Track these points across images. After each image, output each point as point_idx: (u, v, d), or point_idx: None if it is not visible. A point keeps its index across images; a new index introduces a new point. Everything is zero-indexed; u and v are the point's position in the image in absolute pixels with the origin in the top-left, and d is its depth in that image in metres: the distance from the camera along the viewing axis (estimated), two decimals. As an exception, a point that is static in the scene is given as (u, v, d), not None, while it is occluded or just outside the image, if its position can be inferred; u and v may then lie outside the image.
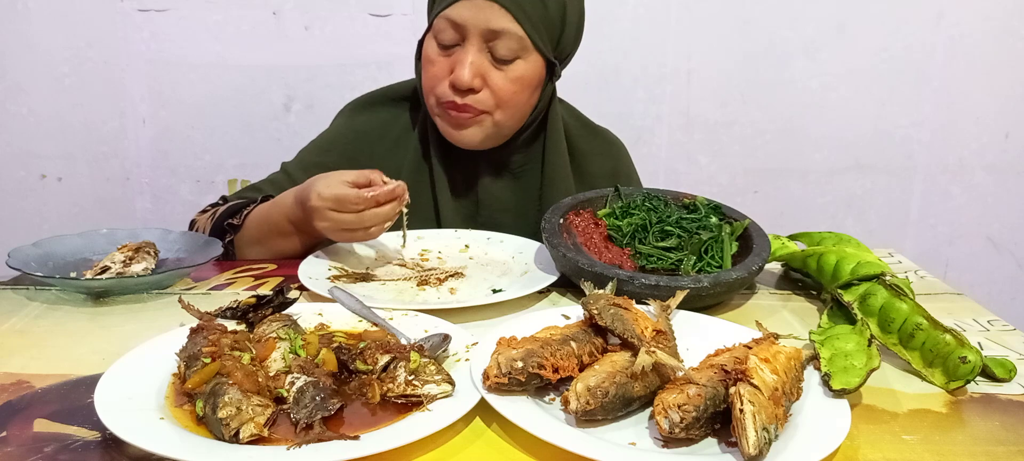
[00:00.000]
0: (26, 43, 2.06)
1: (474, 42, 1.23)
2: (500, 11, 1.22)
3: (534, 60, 1.27)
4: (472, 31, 1.23)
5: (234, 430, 0.69)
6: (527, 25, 1.23)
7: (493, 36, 1.23)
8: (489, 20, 1.22)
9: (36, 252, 1.15)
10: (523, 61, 1.26)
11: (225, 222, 1.30)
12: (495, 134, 1.32)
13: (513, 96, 1.27)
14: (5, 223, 2.16)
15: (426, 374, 0.78)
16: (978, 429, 0.79)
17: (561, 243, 1.11)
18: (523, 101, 1.30)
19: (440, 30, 1.25)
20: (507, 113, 1.29)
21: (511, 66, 1.26)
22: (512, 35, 1.23)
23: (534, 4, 1.23)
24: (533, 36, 1.24)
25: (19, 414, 0.77)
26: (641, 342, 0.81)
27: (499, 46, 1.24)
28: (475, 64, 1.24)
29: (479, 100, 1.26)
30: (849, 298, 1.00)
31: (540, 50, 1.26)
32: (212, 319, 0.90)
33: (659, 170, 2.18)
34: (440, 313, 0.98)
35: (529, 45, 1.25)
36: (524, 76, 1.27)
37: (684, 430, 0.71)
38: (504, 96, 1.27)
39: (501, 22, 1.22)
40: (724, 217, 1.22)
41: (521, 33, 1.23)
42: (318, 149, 1.44)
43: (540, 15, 1.24)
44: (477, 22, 1.22)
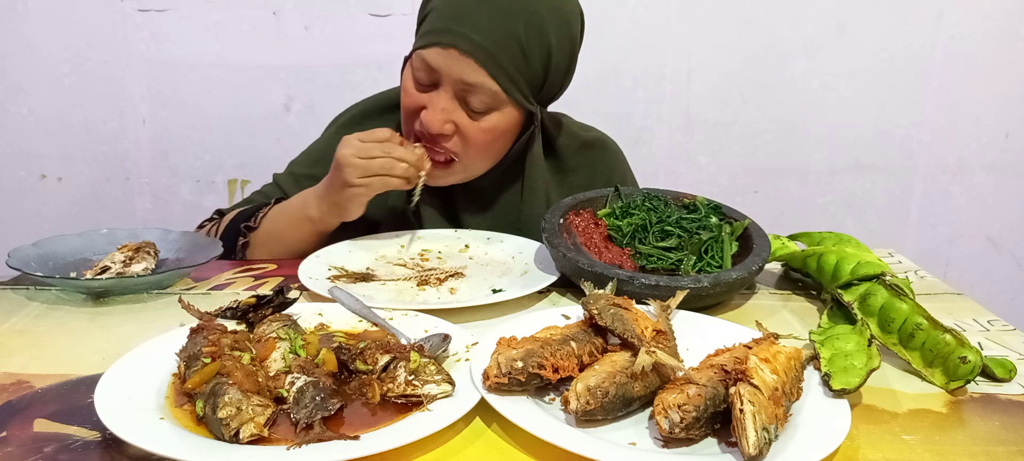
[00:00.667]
0: (26, 43, 2.06)
1: (447, 89, 1.20)
2: (474, 66, 1.17)
3: (509, 111, 1.23)
4: (445, 79, 1.19)
5: (234, 430, 0.69)
6: (503, 80, 1.18)
7: (466, 89, 1.19)
8: (463, 72, 1.17)
9: (36, 252, 1.15)
10: (498, 113, 1.22)
11: (241, 225, 1.30)
12: (463, 178, 1.30)
13: (485, 145, 1.24)
14: (5, 223, 2.16)
15: (426, 374, 0.78)
16: (978, 429, 0.79)
17: (561, 243, 1.11)
18: (496, 149, 1.27)
19: (417, 67, 1.22)
20: (478, 160, 1.27)
21: (485, 117, 1.22)
22: (486, 89, 1.18)
23: (513, 57, 1.18)
24: (509, 90, 1.19)
25: (19, 414, 0.77)
26: (641, 342, 0.81)
27: (473, 99, 1.20)
28: (446, 111, 1.20)
29: (450, 144, 1.23)
30: (849, 298, 1.00)
31: (517, 102, 1.22)
32: (212, 319, 0.90)
33: (659, 170, 2.18)
34: (440, 313, 0.98)
35: (504, 99, 1.20)
36: (498, 127, 1.23)
37: (684, 430, 0.71)
38: (476, 145, 1.24)
39: (475, 76, 1.17)
40: (724, 217, 1.22)
41: (495, 88, 1.18)
42: (308, 161, 1.42)
43: (520, 68, 1.20)
44: (450, 72, 1.18)
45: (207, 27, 2.07)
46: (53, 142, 2.13)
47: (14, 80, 2.08)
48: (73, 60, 2.07)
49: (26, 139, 2.12)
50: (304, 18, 2.07)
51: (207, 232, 1.36)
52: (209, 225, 1.38)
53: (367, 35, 2.08)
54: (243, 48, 2.08)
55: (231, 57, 2.08)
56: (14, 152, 2.13)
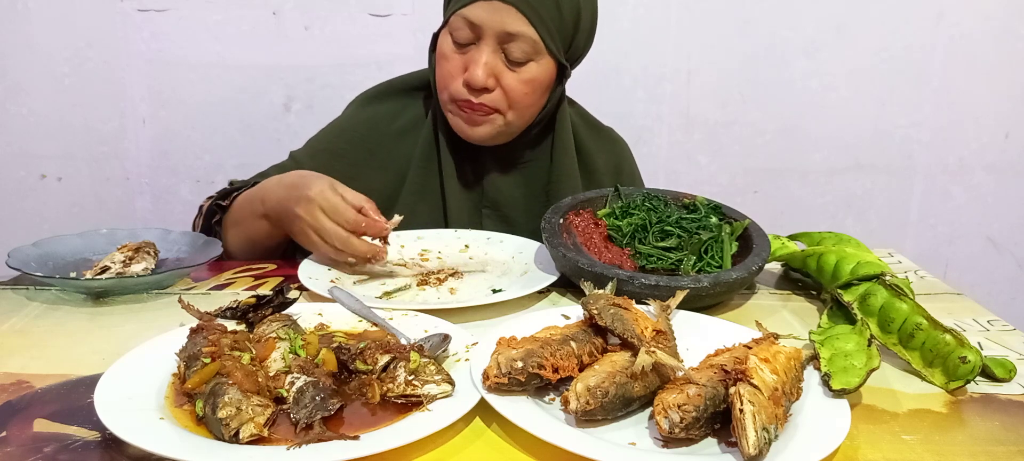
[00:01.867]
0: (26, 43, 2.06)
1: (489, 43, 1.25)
2: (516, 14, 1.23)
3: (546, 63, 1.28)
4: (487, 32, 1.24)
5: (234, 430, 0.69)
6: (541, 29, 1.24)
7: (508, 38, 1.24)
8: (505, 22, 1.23)
9: (36, 252, 1.15)
10: (536, 63, 1.27)
11: (217, 202, 1.32)
12: (505, 132, 1.33)
13: (524, 97, 1.29)
14: (5, 223, 2.16)
15: (426, 374, 0.78)
16: (978, 429, 0.79)
17: (561, 243, 1.11)
18: (534, 102, 1.31)
19: (456, 28, 1.26)
20: (518, 113, 1.31)
21: (524, 68, 1.27)
22: (526, 38, 1.24)
23: (549, 9, 1.24)
24: (547, 40, 1.25)
25: (19, 414, 0.77)
26: (641, 342, 0.81)
27: (513, 48, 1.25)
28: (489, 65, 1.25)
29: (491, 99, 1.27)
30: (849, 298, 1.00)
31: (552, 53, 1.27)
32: (212, 319, 0.90)
33: (659, 170, 2.18)
34: (440, 313, 0.98)
35: (542, 48, 1.26)
36: (536, 78, 1.28)
37: (684, 430, 0.71)
38: (516, 97, 1.28)
39: (516, 25, 1.23)
40: (724, 217, 1.22)
41: (535, 36, 1.24)
42: (329, 136, 1.45)
43: (554, 19, 1.25)
44: (493, 24, 1.23)
45: (207, 27, 2.06)
46: (53, 142, 2.12)
47: (14, 80, 2.08)
48: (73, 60, 2.07)
49: (26, 139, 2.12)
50: (304, 18, 2.07)
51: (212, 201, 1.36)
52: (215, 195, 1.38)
53: (367, 35, 2.08)
54: (243, 48, 2.08)
55: (231, 57, 2.08)
56: (14, 152, 2.13)
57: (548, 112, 1.37)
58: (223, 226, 1.32)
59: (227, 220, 1.32)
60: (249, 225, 1.29)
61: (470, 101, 1.27)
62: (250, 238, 1.30)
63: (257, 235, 1.28)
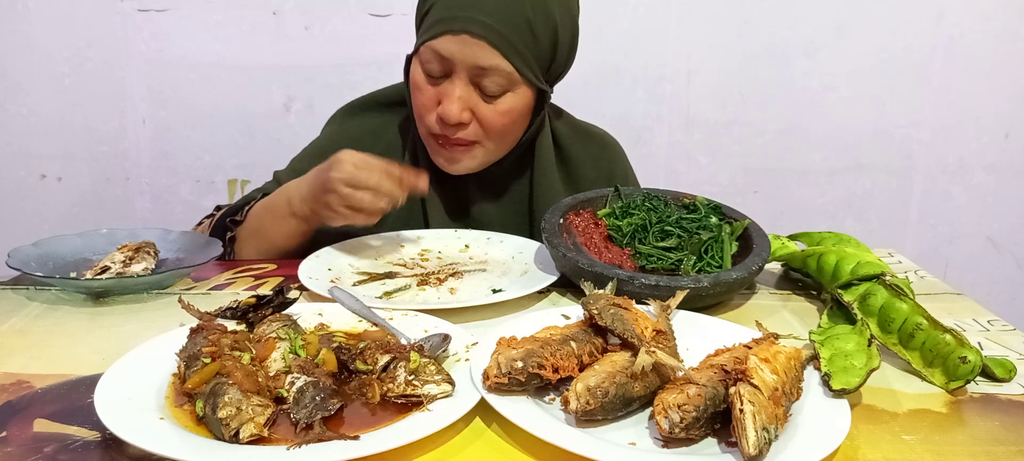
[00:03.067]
0: (26, 43, 2.06)
1: (461, 76, 1.20)
2: (487, 48, 1.18)
3: (523, 92, 1.24)
4: (459, 66, 1.20)
5: (234, 430, 0.69)
6: (516, 60, 1.19)
7: (481, 73, 1.20)
8: (477, 57, 1.18)
9: (36, 252, 1.15)
10: (512, 94, 1.23)
11: (227, 220, 1.30)
12: (489, 161, 1.31)
13: (503, 128, 1.26)
14: (5, 223, 2.16)
15: (426, 374, 0.78)
16: (978, 429, 0.79)
17: (561, 243, 1.11)
18: (514, 131, 1.29)
19: (426, 60, 1.22)
20: (497, 143, 1.28)
21: (500, 100, 1.23)
22: (500, 71, 1.20)
23: (522, 37, 1.20)
24: (522, 70, 1.21)
25: (19, 414, 0.77)
26: (641, 342, 0.81)
27: (487, 83, 1.21)
28: (463, 99, 1.21)
29: (469, 132, 1.24)
30: (849, 298, 1.00)
31: (529, 82, 1.24)
32: (212, 319, 0.90)
33: (659, 170, 2.18)
34: (440, 313, 0.98)
35: (518, 79, 1.22)
36: (514, 108, 1.24)
37: (684, 430, 0.71)
38: (494, 129, 1.25)
39: (489, 59, 1.18)
40: (724, 217, 1.22)
41: (509, 69, 1.20)
42: (310, 156, 1.42)
43: (529, 47, 1.21)
44: (464, 57, 1.19)
45: (207, 27, 2.07)
46: (53, 142, 2.13)
47: (14, 80, 2.08)
48: (73, 60, 2.07)
49: (26, 139, 2.12)
50: (304, 18, 2.07)
51: (204, 230, 1.35)
52: (207, 221, 1.38)
53: (367, 35, 2.08)
54: (243, 48, 2.08)
55: (231, 57, 2.08)
56: (14, 152, 2.13)
57: (531, 134, 1.33)
58: (238, 239, 1.30)
59: (243, 231, 1.30)
60: (273, 230, 1.26)
61: (447, 137, 1.24)
62: (273, 243, 1.28)
63: (282, 237, 1.26)
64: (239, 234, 1.30)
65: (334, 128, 1.46)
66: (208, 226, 1.35)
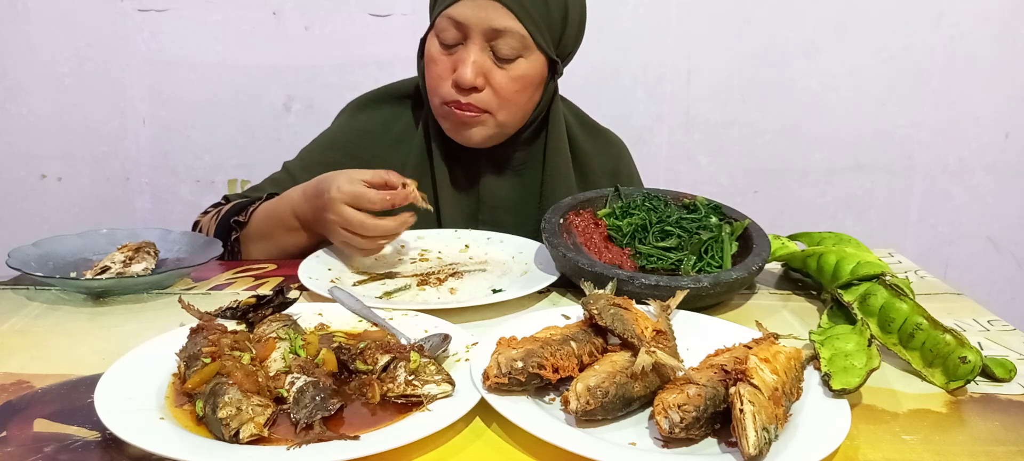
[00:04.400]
0: (26, 43, 2.06)
1: (476, 41, 1.24)
2: (502, 9, 1.22)
3: (536, 58, 1.27)
4: (474, 30, 1.23)
5: (234, 430, 0.69)
6: (529, 24, 1.23)
7: (495, 35, 1.23)
8: (491, 19, 1.22)
9: (36, 252, 1.15)
10: (525, 60, 1.26)
11: (231, 220, 1.30)
12: (498, 133, 1.32)
13: (515, 94, 1.28)
14: (5, 223, 2.16)
15: (426, 374, 0.78)
16: (978, 429, 0.79)
17: (561, 243, 1.11)
18: (525, 99, 1.31)
19: (442, 29, 1.25)
20: (509, 112, 1.30)
21: (513, 65, 1.26)
22: (514, 34, 1.23)
23: (536, 3, 1.24)
24: (535, 35, 1.24)
25: (19, 414, 0.77)
26: (641, 342, 0.81)
27: (501, 45, 1.24)
28: (478, 63, 1.24)
29: (482, 99, 1.26)
30: (849, 298, 1.00)
31: (542, 48, 1.27)
32: (212, 319, 0.90)
33: (659, 170, 2.18)
34: (440, 313, 0.98)
35: (531, 44, 1.25)
36: (526, 75, 1.27)
37: (684, 430, 0.71)
38: (506, 95, 1.27)
39: (503, 21, 1.22)
40: (724, 217, 1.22)
41: (523, 31, 1.23)
42: (321, 147, 1.44)
43: (542, 14, 1.25)
44: (479, 21, 1.22)
45: (207, 27, 2.07)
46: (53, 142, 2.12)
47: (14, 80, 2.08)
48: (73, 60, 2.07)
49: (26, 139, 2.12)
50: (304, 18, 2.07)
51: (209, 221, 1.36)
52: (213, 212, 1.38)
53: (367, 35, 2.08)
54: (243, 48, 2.08)
55: (231, 57, 2.08)
56: (14, 152, 2.13)
57: (541, 110, 1.36)
58: (244, 240, 1.31)
59: (249, 234, 1.30)
60: (282, 238, 1.28)
61: (459, 102, 1.26)
62: (282, 248, 1.29)
63: (291, 245, 1.28)
64: (243, 237, 1.31)
65: (344, 120, 1.48)
66: (214, 218, 1.35)
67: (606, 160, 1.47)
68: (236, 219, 1.30)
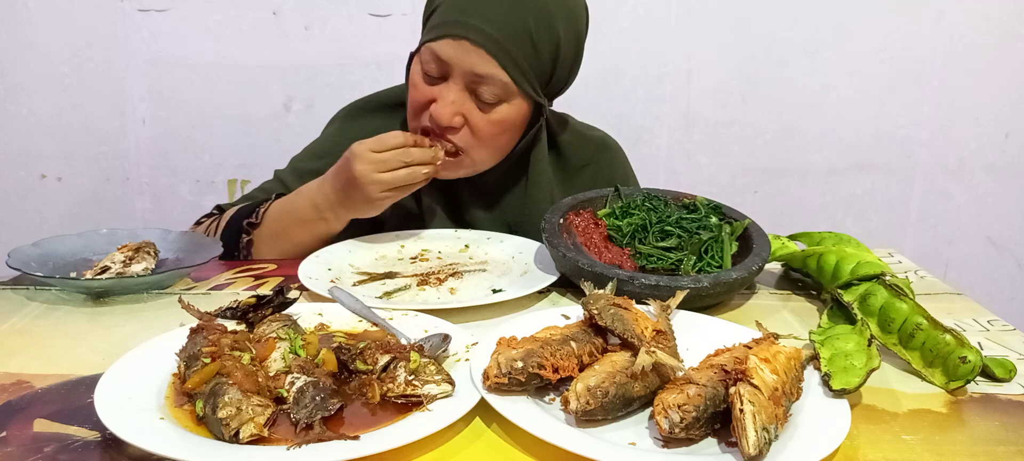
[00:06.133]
0: (26, 43, 2.06)
1: (457, 81, 1.20)
2: (485, 56, 1.17)
3: (519, 103, 1.24)
4: (456, 71, 1.20)
5: (234, 430, 0.69)
6: (513, 71, 1.19)
7: (477, 80, 1.19)
8: (474, 64, 1.18)
9: (36, 252, 1.15)
10: (507, 104, 1.23)
11: (243, 222, 1.29)
12: (471, 171, 1.30)
13: (493, 138, 1.25)
14: (5, 223, 2.16)
15: (426, 374, 0.78)
16: (978, 429, 0.79)
17: (561, 243, 1.11)
18: (504, 142, 1.28)
19: (426, 60, 1.22)
20: (486, 153, 1.27)
21: (494, 109, 1.22)
22: (496, 81, 1.19)
23: (523, 49, 1.19)
24: (519, 81, 1.20)
25: (19, 414, 0.77)
26: (641, 342, 0.81)
27: (483, 91, 1.20)
28: (456, 103, 1.21)
29: (458, 137, 1.23)
30: (849, 298, 1.00)
31: (526, 94, 1.23)
32: (212, 319, 0.90)
33: (659, 170, 2.18)
34: (440, 313, 0.98)
35: (514, 90, 1.21)
36: (506, 119, 1.24)
37: (684, 430, 0.71)
38: (484, 137, 1.24)
39: (486, 67, 1.18)
40: (724, 217, 1.22)
41: (506, 79, 1.19)
42: (311, 155, 1.43)
43: (529, 59, 1.20)
44: (462, 63, 1.19)
45: (207, 27, 2.07)
46: (53, 142, 2.12)
47: (14, 80, 2.08)
48: (73, 60, 2.07)
49: (26, 139, 2.12)
50: (304, 18, 2.07)
51: (206, 229, 1.35)
52: (207, 221, 1.37)
53: (367, 35, 2.08)
54: (243, 48, 2.08)
55: (231, 57, 2.08)
56: (14, 152, 2.13)
57: (519, 151, 1.32)
58: (256, 242, 1.29)
59: (262, 234, 1.29)
60: (297, 233, 1.26)
61: (434, 133, 1.24)
62: (297, 244, 1.27)
63: (307, 240, 1.26)
64: (256, 238, 1.29)
65: (335, 129, 1.46)
66: (212, 227, 1.35)
67: (601, 171, 1.43)
68: (248, 221, 1.29)
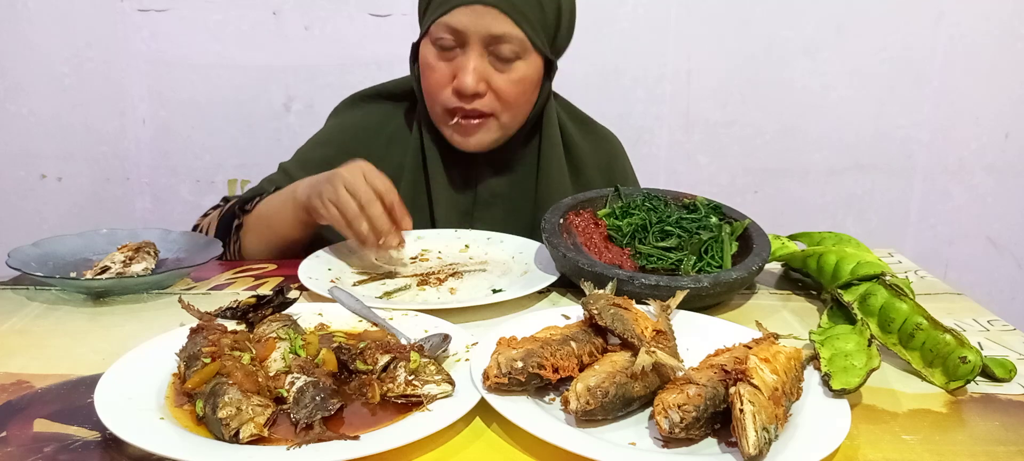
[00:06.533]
0: (26, 43, 2.06)
1: (475, 47, 1.25)
2: (499, 16, 1.23)
3: (533, 60, 1.29)
4: (473, 37, 1.24)
5: (234, 430, 0.69)
6: (526, 27, 1.25)
7: (494, 41, 1.25)
8: (489, 26, 1.23)
9: (36, 252, 1.15)
10: (523, 62, 1.28)
11: (236, 208, 1.32)
12: (502, 136, 1.34)
13: (517, 97, 1.30)
14: (5, 223, 2.16)
15: (426, 374, 0.78)
16: (978, 429, 0.79)
17: (561, 243, 1.11)
18: (526, 101, 1.32)
19: (438, 36, 1.26)
20: (512, 113, 1.31)
21: (513, 67, 1.27)
22: (513, 38, 1.25)
23: (531, 6, 1.25)
24: (532, 37, 1.26)
25: (19, 414, 0.77)
26: (641, 342, 0.81)
27: (502, 49, 1.25)
28: (478, 69, 1.25)
29: (484, 103, 1.28)
30: (849, 298, 1.00)
31: (539, 49, 1.28)
32: (212, 319, 0.90)
33: (659, 170, 2.18)
34: (440, 313, 0.98)
35: (529, 46, 1.27)
36: (526, 76, 1.29)
37: (684, 430, 0.71)
38: (508, 97, 1.29)
39: (501, 27, 1.24)
40: (724, 217, 1.22)
41: (521, 35, 1.25)
42: (316, 144, 1.45)
43: (537, 16, 1.26)
44: (477, 28, 1.23)
45: (207, 27, 2.07)
46: (53, 142, 2.13)
47: (14, 80, 2.08)
48: (73, 60, 2.07)
49: (26, 139, 2.12)
50: (304, 18, 2.07)
51: (210, 220, 1.37)
52: (214, 212, 1.39)
53: (367, 35, 2.08)
54: (243, 48, 2.08)
55: (231, 57, 2.08)
56: (14, 152, 2.13)
57: (538, 110, 1.37)
58: (245, 226, 1.32)
59: (250, 219, 1.31)
60: (277, 217, 1.28)
61: (463, 108, 1.27)
62: (276, 231, 1.28)
63: (284, 225, 1.27)
64: (246, 221, 1.31)
65: (339, 117, 1.48)
66: (217, 216, 1.36)
67: (600, 156, 1.48)
68: (243, 207, 1.32)
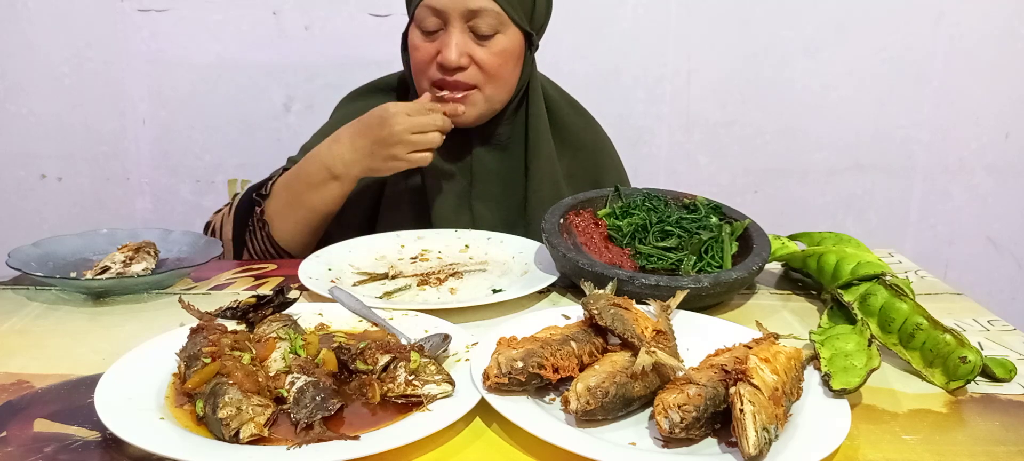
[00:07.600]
0: (26, 43, 2.06)
1: (456, 24, 1.30)
2: None
3: (513, 33, 1.34)
4: (453, 14, 1.30)
5: (234, 430, 0.69)
6: (502, 2, 1.30)
7: (472, 16, 1.30)
8: (467, 2, 1.29)
9: (36, 252, 1.15)
10: (503, 35, 1.33)
11: (253, 195, 1.35)
12: (488, 109, 1.38)
13: (499, 68, 1.34)
14: (5, 223, 2.16)
15: (426, 374, 0.78)
16: (978, 429, 0.79)
17: (561, 243, 1.11)
18: (508, 73, 1.37)
19: (422, 18, 1.33)
20: (495, 86, 1.36)
21: (493, 41, 1.32)
22: (490, 12, 1.30)
23: None
24: (509, 11, 1.32)
25: (19, 414, 0.77)
26: (641, 342, 0.81)
27: (480, 24, 1.31)
28: (459, 44, 1.31)
29: (468, 75, 1.33)
30: (849, 298, 1.00)
31: (517, 23, 1.34)
32: (212, 319, 0.90)
33: (659, 170, 2.18)
34: (440, 313, 0.98)
35: (507, 19, 1.32)
36: (506, 49, 1.34)
37: (684, 430, 0.71)
38: (491, 69, 1.33)
39: (478, 2, 1.29)
40: (724, 217, 1.22)
41: (498, 9, 1.30)
42: (321, 137, 1.45)
43: None
44: (456, 6, 1.29)
45: (207, 27, 2.06)
46: (53, 142, 2.12)
47: (14, 80, 2.08)
48: (73, 60, 2.07)
49: (26, 139, 2.12)
50: (304, 18, 2.07)
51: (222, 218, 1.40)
52: (226, 208, 1.41)
53: (367, 35, 2.08)
54: (243, 48, 2.08)
55: (231, 57, 2.08)
56: (14, 152, 2.13)
57: (523, 84, 1.42)
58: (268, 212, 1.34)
59: (273, 205, 1.33)
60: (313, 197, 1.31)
61: (446, 80, 1.32)
62: (313, 209, 1.32)
63: (322, 202, 1.31)
64: (268, 207, 1.34)
65: (341, 110, 1.52)
66: (226, 210, 1.39)
67: (586, 133, 1.53)
68: (259, 192, 1.35)
